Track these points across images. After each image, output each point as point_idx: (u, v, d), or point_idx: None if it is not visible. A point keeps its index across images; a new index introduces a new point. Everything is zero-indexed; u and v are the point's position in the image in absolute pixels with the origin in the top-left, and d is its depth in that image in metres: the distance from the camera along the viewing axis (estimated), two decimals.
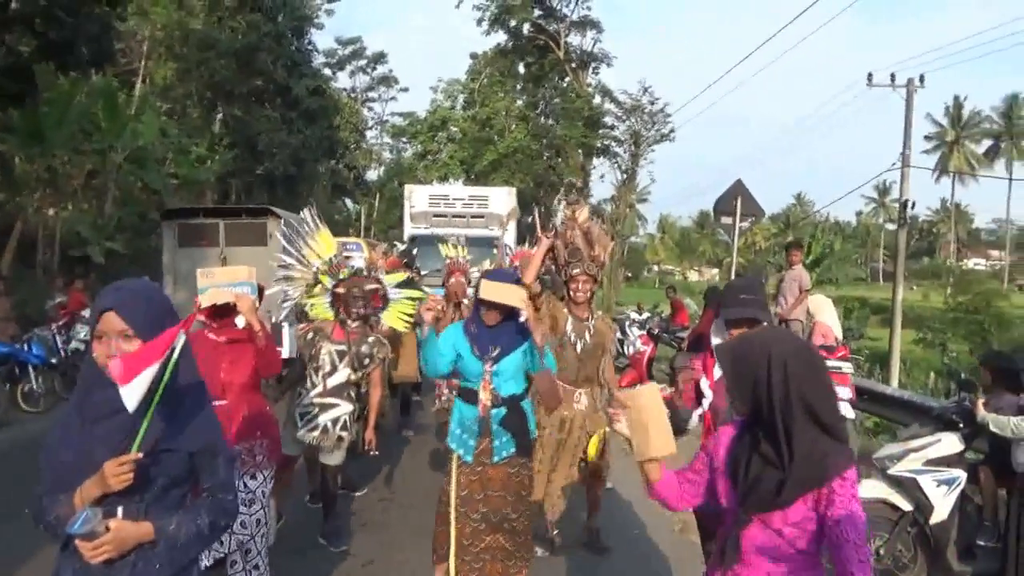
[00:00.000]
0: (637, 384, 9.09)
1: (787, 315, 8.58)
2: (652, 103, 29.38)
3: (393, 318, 4.81)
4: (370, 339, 4.43)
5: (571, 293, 4.39)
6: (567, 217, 4.54)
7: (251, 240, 10.61)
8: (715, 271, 72.72)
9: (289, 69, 24.72)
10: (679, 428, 2.97)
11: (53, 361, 9.40)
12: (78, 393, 1.86)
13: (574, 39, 32.35)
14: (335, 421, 4.29)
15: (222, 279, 3.42)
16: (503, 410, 3.50)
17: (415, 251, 8.10)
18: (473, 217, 13.39)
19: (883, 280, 68.50)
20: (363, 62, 43.31)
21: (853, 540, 1.72)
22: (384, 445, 6.65)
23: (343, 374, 4.31)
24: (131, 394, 1.66)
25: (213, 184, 24.21)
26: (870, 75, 17.08)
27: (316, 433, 4.28)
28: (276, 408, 4.33)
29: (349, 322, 4.40)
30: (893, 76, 16.91)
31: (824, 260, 39.44)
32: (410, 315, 4.89)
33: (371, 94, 44.97)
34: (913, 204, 17.38)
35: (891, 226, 73.60)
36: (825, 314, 7.86)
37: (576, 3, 31.51)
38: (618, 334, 13.55)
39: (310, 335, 4.36)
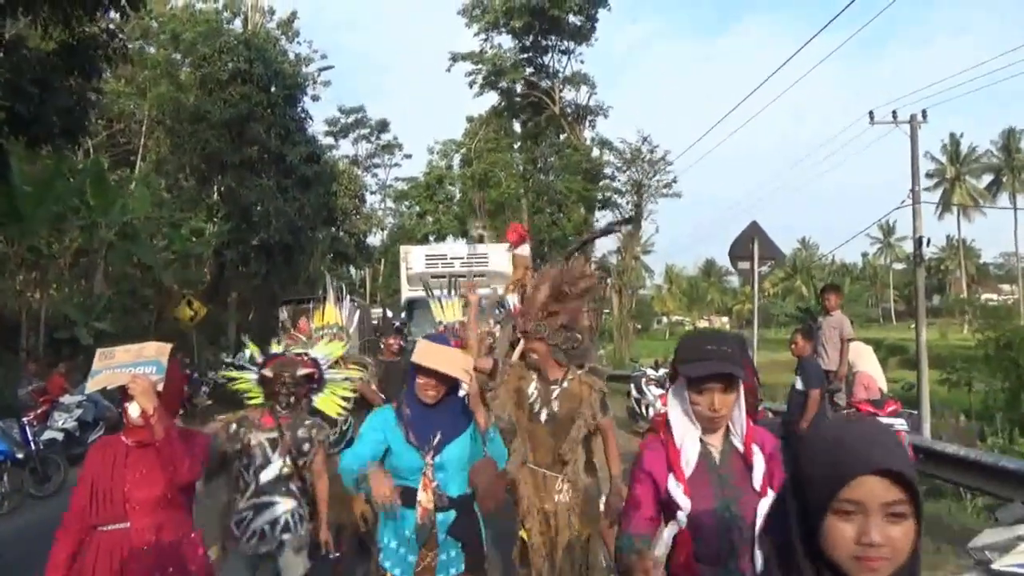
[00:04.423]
0: None
1: (838, 370, 7.30)
2: (652, 151, 29.17)
3: (328, 404, 4.05)
4: (307, 422, 3.73)
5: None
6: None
7: None
8: (725, 319, 72.00)
9: (283, 137, 24.53)
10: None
11: (20, 456, 8.60)
12: None
13: (568, 94, 32.42)
14: (273, 523, 3.51)
15: (123, 359, 2.70)
16: (451, 514, 2.80)
17: (398, 316, 7.62)
18: (474, 276, 12.79)
19: (895, 320, 67.55)
20: (366, 131, 43.80)
21: None
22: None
23: (276, 465, 3.57)
24: None
25: (209, 256, 23.79)
26: (871, 113, 16.82)
27: (254, 541, 3.50)
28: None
29: (278, 407, 3.69)
30: (895, 113, 16.63)
31: None
32: (347, 399, 4.16)
33: (375, 160, 45.38)
34: (929, 241, 16.86)
35: (898, 266, 73.16)
36: (867, 363, 7.10)
37: (568, 58, 31.69)
38: (635, 394, 12.74)
39: (233, 427, 3.59)
